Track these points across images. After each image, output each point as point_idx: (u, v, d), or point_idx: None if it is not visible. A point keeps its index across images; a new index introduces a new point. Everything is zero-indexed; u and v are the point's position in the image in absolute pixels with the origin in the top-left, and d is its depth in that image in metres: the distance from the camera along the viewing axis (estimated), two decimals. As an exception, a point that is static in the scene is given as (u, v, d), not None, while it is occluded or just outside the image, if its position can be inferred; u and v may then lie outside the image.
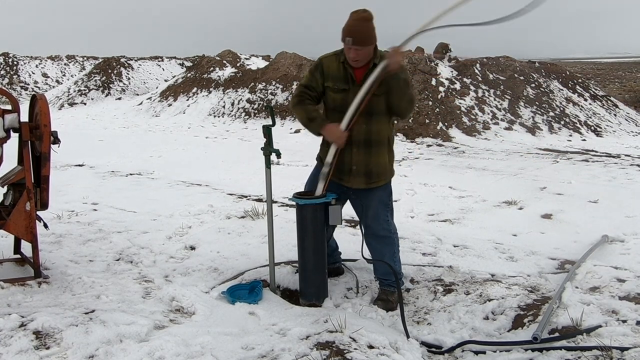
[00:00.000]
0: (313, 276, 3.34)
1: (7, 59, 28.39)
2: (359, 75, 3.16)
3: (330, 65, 3.23)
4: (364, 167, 3.23)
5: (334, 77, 3.21)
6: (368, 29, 3.04)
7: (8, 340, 2.54)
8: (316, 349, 2.60)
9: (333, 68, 3.21)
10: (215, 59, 18.65)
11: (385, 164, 3.27)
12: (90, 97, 21.36)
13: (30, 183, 3.45)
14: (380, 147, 3.23)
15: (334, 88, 3.21)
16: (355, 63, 3.11)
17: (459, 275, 3.71)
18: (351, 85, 3.17)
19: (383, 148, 3.24)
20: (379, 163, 3.24)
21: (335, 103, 3.23)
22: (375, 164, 3.24)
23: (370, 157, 3.22)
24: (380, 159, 3.24)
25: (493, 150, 10.10)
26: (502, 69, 14.21)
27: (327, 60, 3.26)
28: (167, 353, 2.52)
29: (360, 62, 3.10)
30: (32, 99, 3.65)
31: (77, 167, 8.50)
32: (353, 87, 3.16)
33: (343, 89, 3.19)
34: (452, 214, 5.50)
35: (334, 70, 3.21)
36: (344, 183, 3.32)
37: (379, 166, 3.25)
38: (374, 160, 3.23)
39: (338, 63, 3.20)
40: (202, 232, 4.72)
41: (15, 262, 3.80)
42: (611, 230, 4.69)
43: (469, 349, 2.85)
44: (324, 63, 3.26)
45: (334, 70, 3.21)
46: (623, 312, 2.85)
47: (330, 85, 3.22)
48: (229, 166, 8.55)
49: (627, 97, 19.96)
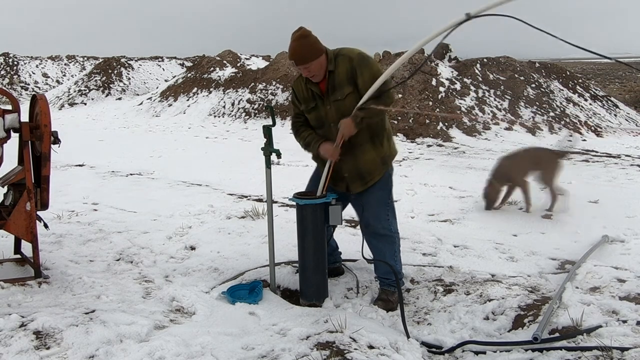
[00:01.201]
0: (313, 276, 3.34)
1: (7, 59, 28.42)
2: (323, 87, 3.22)
3: (298, 88, 3.33)
4: (355, 172, 3.28)
5: (304, 99, 3.30)
6: (306, 45, 3.06)
7: (8, 340, 2.54)
8: (316, 349, 2.60)
9: (301, 90, 3.31)
10: (215, 59, 18.66)
11: (372, 160, 3.28)
12: (90, 97, 21.37)
13: (31, 183, 3.45)
14: (362, 146, 3.25)
15: (307, 109, 3.30)
16: (314, 78, 3.17)
17: (459, 276, 3.71)
18: (318, 100, 3.24)
19: (366, 146, 3.26)
20: (367, 161, 3.27)
21: (313, 122, 3.33)
22: (363, 165, 3.27)
23: (357, 160, 3.26)
24: (366, 156, 3.26)
25: (493, 151, 10.09)
26: (503, 69, 14.21)
27: (296, 84, 3.36)
28: (168, 353, 2.52)
29: (318, 76, 3.15)
30: (33, 99, 3.65)
31: (77, 167, 8.50)
32: (320, 101, 3.23)
33: (312, 107, 3.27)
34: (453, 214, 5.51)
35: (302, 92, 3.30)
36: (340, 189, 3.39)
37: (367, 164, 3.27)
38: (360, 161, 3.26)
39: (303, 84, 3.28)
40: (203, 232, 4.72)
41: (16, 262, 3.81)
42: (611, 231, 4.69)
43: (469, 349, 2.84)
44: (295, 89, 3.37)
45: (302, 92, 3.30)
46: (623, 312, 2.84)
47: (304, 108, 3.32)
48: (229, 166, 8.55)
49: (628, 97, 19.96)
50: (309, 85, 3.24)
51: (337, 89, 3.15)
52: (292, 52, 3.07)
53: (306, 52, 3.05)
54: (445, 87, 12.93)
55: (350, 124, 3.07)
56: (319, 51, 3.08)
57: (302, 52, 3.05)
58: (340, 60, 3.15)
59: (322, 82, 3.20)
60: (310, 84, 3.22)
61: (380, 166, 3.32)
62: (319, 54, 3.08)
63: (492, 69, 14.08)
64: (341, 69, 3.14)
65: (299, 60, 3.07)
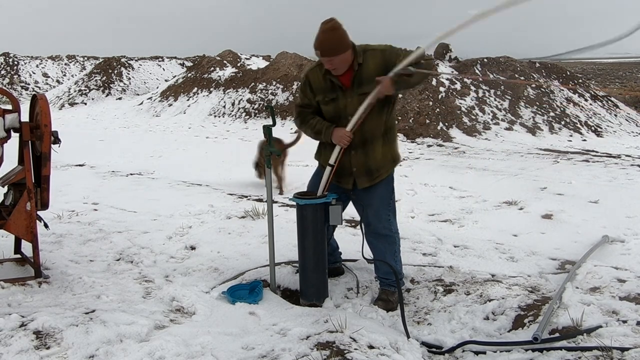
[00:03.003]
0: (313, 276, 3.34)
1: (7, 58, 28.41)
2: (345, 80, 3.16)
3: (315, 78, 3.26)
4: (363, 167, 3.26)
5: (321, 89, 3.24)
6: (335, 38, 3.01)
7: (8, 340, 2.54)
8: (316, 349, 2.60)
9: (318, 81, 3.24)
10: (215, 59, 18.66)
11: (383, 155, 3.28)
12: (90, 97, 21.37)
13: (31, 183, 3.45)
14: (374, 143, 3.24)
15: (324, 100, 3.24)
16: (335, 71, 3.12)
17: (460, 276, 3.71)
18: (339, 92, 3.19)
19: (377, 142, 3.25)
20: (376, 158, 3.26)
21: (329, 114, 3.27)
22: (372, 161, 3.25)
23: (367, 156, 3.24)
24: (376, 154, 3.26)
25: (493, 151, 10.09)
26: (503, 69, 14.21)
27: (312, 73, 3.28)
28: (168, 353, 2.52)
29: (339, 70, 3.11)
30: (33, 98, 3.64)
31: (77, 167, 8.50)
32: (341, 93, 3.18)
33: (332, 99, 3.21)
34: (453, 214, 5.50)
35: (319, 83, 3.24)
36: (345, 185, 3.35)
37: (377, 161, 3.26)
38: (371, 158, 3.25)
39: (321, 74, 3.22)
40: (203, 232, 4.72)
41: (16, 262, 3.80)
42: (611, 231, 4.69)
43: (469, 349, 2.84)
44: (310, 78, 3.28)
45: (319, 83, 3.24)
46: (623, 313, 2.84)
47: (320, 99, 3.26)
48: (229, 166, 8.54)
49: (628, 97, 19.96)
50: (328, 76, 3.17)
51: (365, 83, 3.10)
52: (319, 43, 3.01)
53: (333, 45, 3.00)
54: (445, 87, 12.93)
55: (388, 83, 2.99)
56: (346, 46, 3.04)
57: (330, 44, 3.00)
58: (370, 54, 3.11)
59: (346, 75, 3.14)
60: (331, 75, 3.16)
61: (390, 163, 3.32)
62: (346, 48, 3.04)
63: (492, 69, 14.08)
64: (371, 63, 3.10)
65: (324, 52, 3.01)
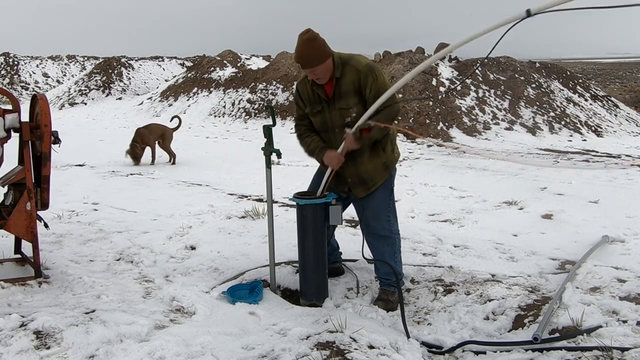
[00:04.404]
0: (313, 276, 3.34)
1: (7, 58, 28.43)
2: (328, 90, 3.20)
3: (304, 90, 3.30)
4: (357, 178, 3.28)
5: (309, 101, 3.28)
6: (314, 48, 3.03)
7: (8, 340, 2.54)
8: (316, 349, 2.60)
9: (307, 92, 3.28)
10: (215, 59, 18.67)
11: (373, 167, 3.27)
12: (90, 97, 21.38)
13: (31, 183, 3.45)
14: (363, 155, 3.24)
15: (312, 112, 3.29)
16: (319, 81, 3.16)
17: (460, 276, 3.71)
18: (324, 104, 3.22)
19: (366, 154, 3.24)
20: (368, 170, 3.27)
21: (317, 125, 3.31)
22: (364, 172, 3.26)
23: (358, 167, 3.26)
24: (368, 165, 3.26)
25: (494, 151, 10.10)
26: (503, 69, 14.21)
27: (301, 85, 3.33)
28: (168, 353, 2.52)
29: (322, 79, 3.14)
30: (33, 98, 3.65)
31: (77, 167, 8.50)
32: (326, 105, 3.22)
33: (318, 111, 3.25)
34: (453, 214, 5.50)
35: (307, 94, 3.28)
36: (343, 193, 3.39)
37: (368, 172, 3.27)
38: (362, 169, 3.26)
39: (309, 86, 3.25)
40: (203, 232, 4.72)
41: (16, 262, 3.81)
42: (611, 231, 4.68)
43: (469, 349, 2.84)
44: (299, 90, 3.34)
45: (307, 94, 3.28)
46: (623, 313, 2.84)
47: (308, 110, 3.30)
48: (229, 166, 8.55)
49: (628, 97, 19.96)
50: (315, 88, 3.22)
51: (343, 98, 3.14)
52: (299, 56, 3.05)
53: (312, 56, 3.03)
54: (445, 87, 12.93)
55: (351, 140, 3.09)
56: (326, 55, 3.06)
57: (309, 56, 3.03)
58: (348, 69, 3.13)
59: (328, 85, 3.18)
60: (317, 87, 3.20)
61: (383, 171, 3.31)
62: (325, 58, 3.06)
63: (493, 69, 14.09)
64: (348, 79, 3.12)
65: (306, 64, 3.05)
